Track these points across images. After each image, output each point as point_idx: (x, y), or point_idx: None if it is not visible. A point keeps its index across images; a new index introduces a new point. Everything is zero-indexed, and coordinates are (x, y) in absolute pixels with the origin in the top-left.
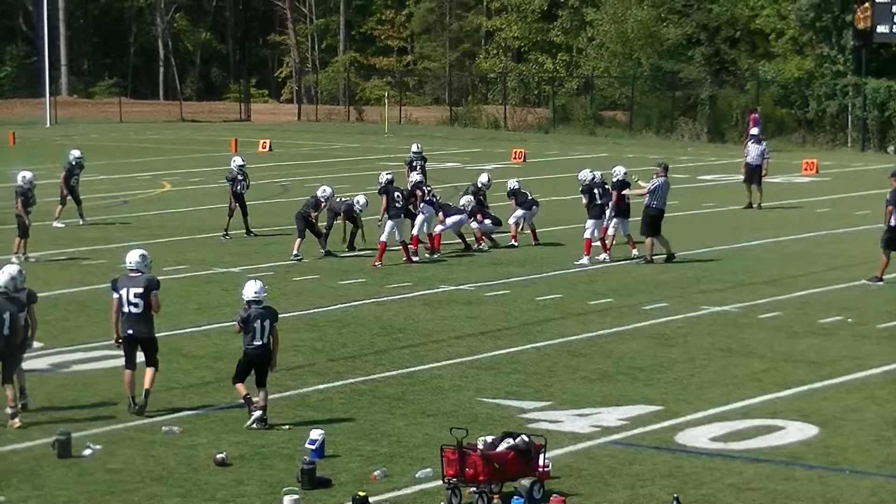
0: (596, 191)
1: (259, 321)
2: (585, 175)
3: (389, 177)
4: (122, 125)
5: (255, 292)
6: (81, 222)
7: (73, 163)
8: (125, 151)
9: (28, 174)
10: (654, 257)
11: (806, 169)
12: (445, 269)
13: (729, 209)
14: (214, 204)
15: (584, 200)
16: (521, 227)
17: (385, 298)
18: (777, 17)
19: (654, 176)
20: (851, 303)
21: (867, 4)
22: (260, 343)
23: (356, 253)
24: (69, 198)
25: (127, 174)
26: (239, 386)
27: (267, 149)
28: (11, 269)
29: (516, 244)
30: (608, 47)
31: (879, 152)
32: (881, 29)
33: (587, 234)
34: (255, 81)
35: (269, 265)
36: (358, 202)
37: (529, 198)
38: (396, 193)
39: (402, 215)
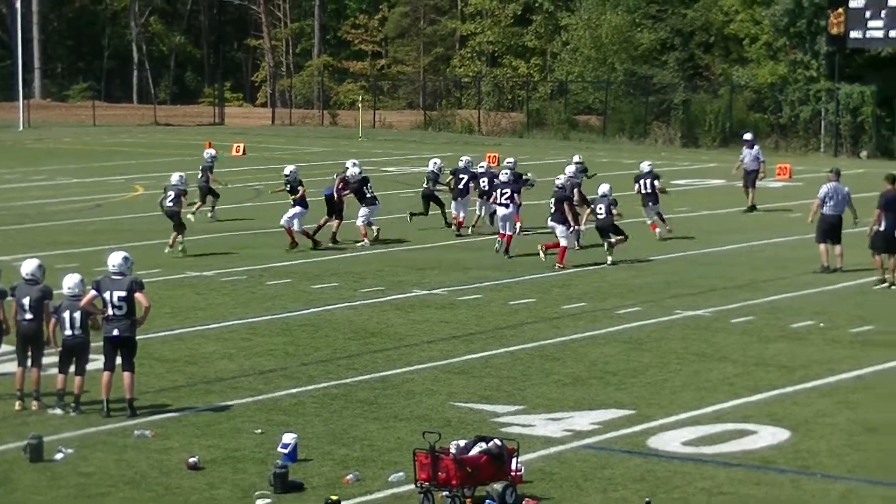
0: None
1: (68, 312)
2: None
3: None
4: (96, 129)
5: (69, 287)
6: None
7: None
8: (98, 155)
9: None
10: (833, 266)
11: (779, 174)
12: (418, 274)
13: (702, 214)
14: (187, 208)
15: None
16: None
17: (358, 302)
18: (751, 22)
19: (828, 181)
20: (823, 307)
21: (840, 10)
22: (71, 334)
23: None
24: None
25: (100, 177)
26: (59, 377)
27: (241, 152)
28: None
29: (366, 242)
30: (582, 52)
31: (852, 157)
32: (854, 34)
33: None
34: (229, 85)
35: (242, 269)
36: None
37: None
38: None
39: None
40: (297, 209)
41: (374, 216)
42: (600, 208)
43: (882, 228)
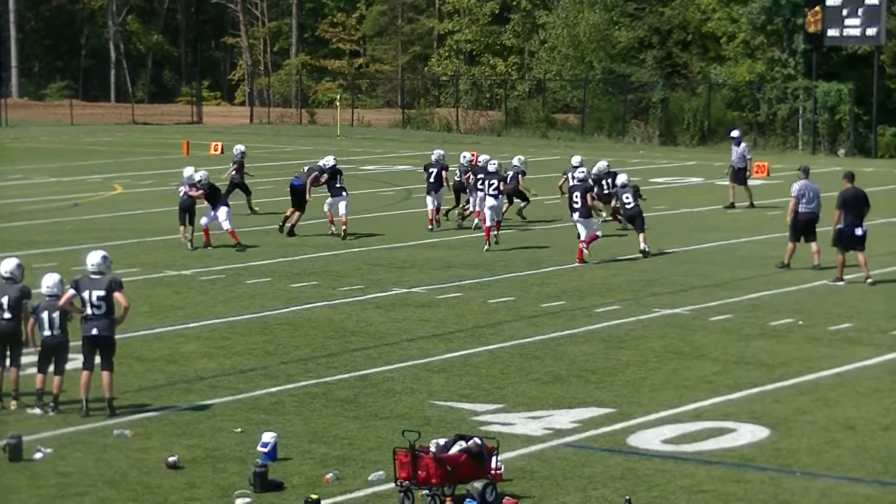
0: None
1: (47, 312)
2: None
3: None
4: (74, 127)
5: (48, 287)
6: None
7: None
8: (76, 154)
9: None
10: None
11: (757, 172)
12: (398, 272)
13: (681, 212)
14: (166, 206)
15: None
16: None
17: (337, 301)
18: (728, 20)
19: (798, 179)
20: (802, 305)
21: (818, 8)
22: (49, 334)
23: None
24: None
25: (78, 176)
26: (38, 376)
27: (219, 151)
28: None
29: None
30: (560, 50)
31: (830, 155)
32: (831, 32)
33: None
34: (207, 84)
35: (221, 268)
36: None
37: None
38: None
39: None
40: (226, 210)
41: (340, 206)
42: (627, 197)
43: (842, 227)
